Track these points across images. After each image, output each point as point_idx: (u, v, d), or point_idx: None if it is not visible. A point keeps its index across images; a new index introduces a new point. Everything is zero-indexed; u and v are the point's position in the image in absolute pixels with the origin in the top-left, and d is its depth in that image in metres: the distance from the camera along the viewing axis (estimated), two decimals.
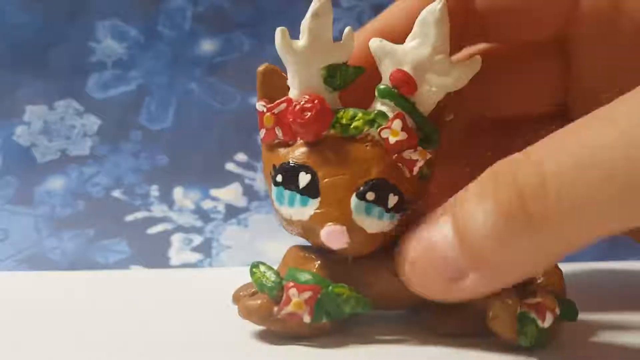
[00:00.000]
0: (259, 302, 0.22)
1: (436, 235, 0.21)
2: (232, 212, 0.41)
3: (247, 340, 0.23)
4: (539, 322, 0.21)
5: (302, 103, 0.22)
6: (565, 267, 0.24)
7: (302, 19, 0.23)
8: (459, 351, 0.22)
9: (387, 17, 0.26)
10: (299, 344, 0.22)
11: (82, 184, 0.41)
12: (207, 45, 0.44)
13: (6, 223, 0.39)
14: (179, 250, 0.38)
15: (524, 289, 0.22)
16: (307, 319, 0.22)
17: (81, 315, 0.26)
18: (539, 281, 0.22)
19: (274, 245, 0.23)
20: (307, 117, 0.21)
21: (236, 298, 0.24)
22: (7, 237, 0.38)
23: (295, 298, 0.21)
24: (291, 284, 0.22)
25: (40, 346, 0.22)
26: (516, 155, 0.20)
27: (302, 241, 0.24)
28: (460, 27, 0.26)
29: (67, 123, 0.43)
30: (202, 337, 0.23)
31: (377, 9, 0.44)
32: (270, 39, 0.23)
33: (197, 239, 0.39)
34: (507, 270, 0.20)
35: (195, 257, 0.38)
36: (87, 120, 0.43)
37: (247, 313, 0.22)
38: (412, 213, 0.22)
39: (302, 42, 0.22)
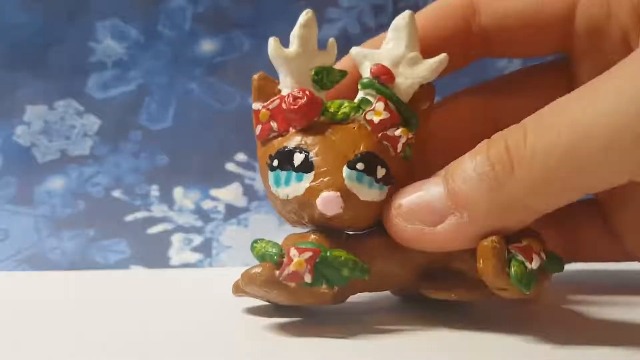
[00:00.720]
0: (260, 268, 0.23)
1: (428, 186, 0.23)
2: (232, 212, 0.41)
3: (247, 340, 0.23)
4: (527, 263, 0.22)
5: (294, 93, 0.24)
6: (566, 267, 0.24)
7: None
8: (460, 344, 0.22)
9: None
10: (298, 343, 0.22)
11: (82, 184, 0.41)
12: (207, 45, 0.44)
13: (6, 223, 0.39)
14: (179, 250, 0.38)
15: (508, 238, 0.22)
16: (308, 278, 0.22)
17: (81, 315, 0.26)
18: (523, 243, 0.22)
19: None
20: (299, 103, 0.24)
21: (236, 286, 0.25)
22: (7, 237, 0.38)
23: (297, 258, 0.22)
24: (292, 247, 0.23)
25: (40, 346, 0.22)
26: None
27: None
28: (465, 43, 0.28)
29: (67, 123, 0.43)
30: (202, 337, 0.23)
31: (377, 9, 0.44)
32: None
33: (197, 239, 0.39)
34: (483, 216, 0.22)
35: (195, 257, 0.38)
36: (87, 120, 0.43)
37: (249, 279, 0.23)
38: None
39: (292, 48, 0.25)
